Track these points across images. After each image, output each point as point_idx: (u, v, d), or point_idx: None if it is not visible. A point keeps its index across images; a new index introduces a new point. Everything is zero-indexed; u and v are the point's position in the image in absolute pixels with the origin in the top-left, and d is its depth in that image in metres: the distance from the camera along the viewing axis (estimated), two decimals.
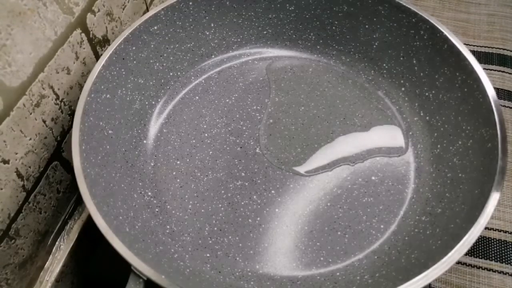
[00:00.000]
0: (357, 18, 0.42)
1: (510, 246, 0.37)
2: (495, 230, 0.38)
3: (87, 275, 0.37)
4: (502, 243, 0.37)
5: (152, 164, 0.38)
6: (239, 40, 0.45)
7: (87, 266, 0.37)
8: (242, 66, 0.45)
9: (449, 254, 0.26)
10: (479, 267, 0.36)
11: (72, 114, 0.34)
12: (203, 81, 0.44)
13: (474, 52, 0.37)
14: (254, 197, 0.36)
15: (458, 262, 0.36)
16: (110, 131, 0.36)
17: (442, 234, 0.30)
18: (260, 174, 0.37)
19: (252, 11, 0.44)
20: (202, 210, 0.35)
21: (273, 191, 0.36)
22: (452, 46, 0.36)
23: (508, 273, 0.36)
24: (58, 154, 0.34)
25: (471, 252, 0.37)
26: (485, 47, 0.51)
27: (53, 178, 0.33)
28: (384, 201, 0.35)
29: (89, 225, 0.36)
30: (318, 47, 0.45)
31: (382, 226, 0.34)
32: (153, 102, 0.41)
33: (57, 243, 0.35)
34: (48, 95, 0.32)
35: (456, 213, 0.30)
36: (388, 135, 0.39)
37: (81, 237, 0.36)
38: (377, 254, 0.33)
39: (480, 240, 0.37)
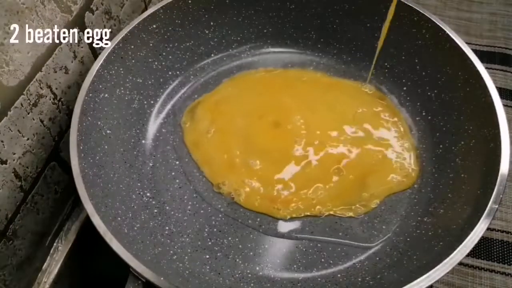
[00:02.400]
0: (358, 17, 0.42)
1: None
2: (498, 231, 0.37)
3: (85, 277, 0.37)
4: (505, 244, 0.37)
5: (150, 164, 0.38)
6: (239, 39, 0.45)
7: (85, 268, 0.36)
8: (242, 65, 0.45)
9: (451, 255, 0.26)
10: (481, 268, 0.36)
11: (70, 113, 0.34)
12: (202, 80, 0.43)
13: (476, 51, 0.37)
14: None
15: (460, 263, 0.36)
16: (108, 131, 0.35)
17: (444, 235, 0.30)
18: None
19: (252, 9, 0.43)
20: (202, 211, 0.35)
21: None
22: (454, 45, 0.35)
23: (510, 274, 0.35)
24: (56, 154, 0.33)
25: (473, 253, 0.36)
26: (488, 46, 0.50)
27: (51, 178, 0.33)
28: (386, 201, 0.35)
29: (87, 226, 0.36)
30: (319, 45, 0.45)
31: (383, 227, 0.34)
32: (152, 102, 0.41)
33: (55, 244, 0.35)
34: (46, 95, 0.31)
35: (458, 214, 0.30)
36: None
37: (79, 238, 0.36)
38: (379, 256, 0.32)
39: (482, 241, 0.37)
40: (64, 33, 0.32)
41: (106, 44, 0.37)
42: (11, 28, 0.27)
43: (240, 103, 0.42)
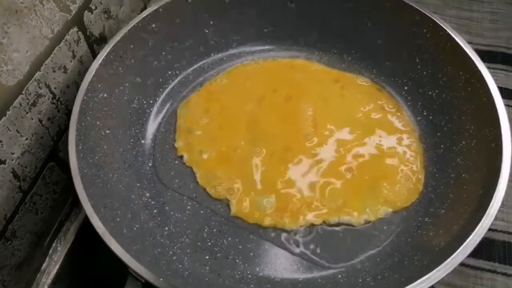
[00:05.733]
0: (359, 16, 0.41)
1: None
2: (499, 232, 0.37)
3: (84, 277, 0.36)
4: (506, 244, 0.37)
5: (150, 164, 0.38)
6: (239, 38, 0.45)
7: (84, 268, 0.36)
8: (243, 65, 0.44)
9: (452, 256, 0.26)
10: (482, 269, 0.35)
11: (69, 113, 0.34)
12: (202, 80, 0.43)
13: (477, 51, 0.36)
14: None
15: (462, 264, 0.35)
16: (107, 131, 0.35)
17: (446, 236, 0.30)
18: None
19: (252, 9, 0.43)
20: (201, 211, 0.35)
21: None
22: (455, 44, 0.35)
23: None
24: (54, 154, 0.33)
25: (474, 254, 0.36)
26: (489, 45, 0.50)
27: (49, 178, 0.33)
28: None
29: (86, 226, 0.35)
30: (320, 45, 0.45)
31: (385, 228, 0.34)
32: (151, 101, 0.41)
33: (53, 244, 0.35)
34: (45, 94, 0.31)
35: (460, 214, 0.30)
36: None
37: (78, 238, 0.35)
38: (380, 256, 0.32)
39: (483, 241, 0.37)
40: (63, 32, 0.32)
41: (105, 43, 0.37)
42: (10, 27, 0.27)
43: (240, 89, 0.42)
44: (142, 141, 0.39)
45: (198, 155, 0.38)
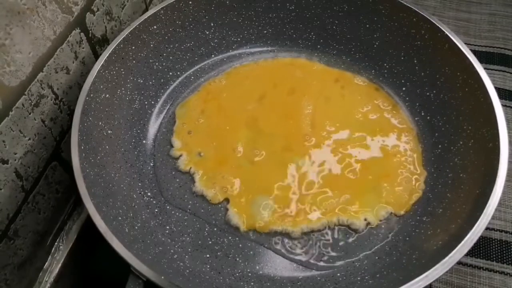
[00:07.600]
0: (357, 18, 0.42)
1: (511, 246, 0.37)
2: (496, 231, 0.38)
3: (86, 276, 0.37)
4: (503, 243, 0.37)
5: (151, 164, 0.38)
6: (239, 39, 0.45)
7: (86, 267, 0.37)
8: (242, 66, 0.45)
9: (450, 255, 0.26)
10: (480, 268, 0.36)
11: (71, 114, 0.34)
12: (203, 80, 0.44)
13: (475, 52, 0.37)
14: None
15: (459, 263, 0.36)
16: (109, 131, 0.35)
17: (443, 235, 0.30)
18: None
19: (252, 10, 0.43)
20: (202, 210, 0.35)
21: None
22: (453, 45, 0.35)
23: (509, 273, 0.35)
24: (57, 154, 0.34)
25: (472, 253, 0.37)
26: (486, 46, 0.51)
27: (52, 178, 0.33)
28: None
29: (88, 225, 0.36)
30: (319, 46, 0.45)
31: (383, 226, 0.34)
32: (153, 102, 0.41)
33: (56, 243, 0.35)
34: (47, 95, 0.32)
35: (457, 214, 0.30)
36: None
37: (80, 237, 0.36)
38: (378, 255, 0.32)
39: (481, 240, 0.37)
40: (65, 33, 0.32)
41: (107, 45, 0.37)
42: (13, 28, 0.27)
43: (239, 88, 0.42)
44: (144, 141, 0.39)
45: (196, 155, 0.38)
